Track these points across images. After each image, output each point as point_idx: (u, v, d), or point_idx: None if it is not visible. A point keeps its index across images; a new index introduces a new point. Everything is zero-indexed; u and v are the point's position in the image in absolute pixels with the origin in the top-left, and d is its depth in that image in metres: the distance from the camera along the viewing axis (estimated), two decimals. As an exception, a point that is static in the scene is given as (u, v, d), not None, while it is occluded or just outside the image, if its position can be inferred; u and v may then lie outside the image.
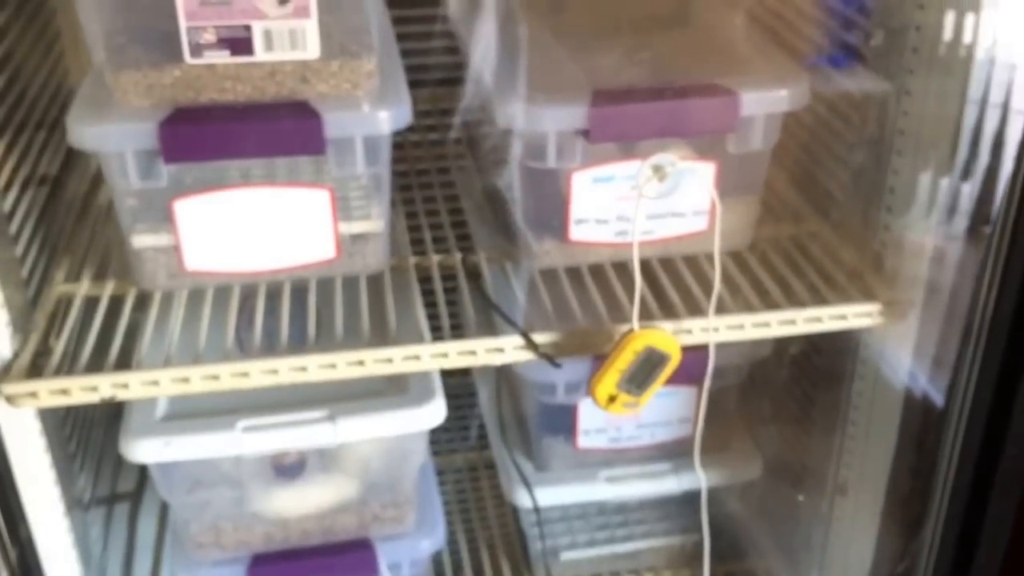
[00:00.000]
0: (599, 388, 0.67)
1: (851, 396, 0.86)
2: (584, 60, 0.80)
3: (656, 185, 0.63)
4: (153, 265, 0.75)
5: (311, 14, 0.67)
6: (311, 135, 0.68)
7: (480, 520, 1.25)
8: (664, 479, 0.97)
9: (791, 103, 0.71)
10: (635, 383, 0.68)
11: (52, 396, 0.65)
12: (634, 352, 0.66)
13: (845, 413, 0.88)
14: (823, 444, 0.92)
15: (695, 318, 0.71)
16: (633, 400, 0.68)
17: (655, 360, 0.67)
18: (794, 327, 0.71)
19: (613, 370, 0.67)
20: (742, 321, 0.71)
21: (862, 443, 0.85)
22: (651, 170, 0.62)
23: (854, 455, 0.86)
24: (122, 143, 0.67)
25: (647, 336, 0.66)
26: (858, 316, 0.72)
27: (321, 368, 0.67)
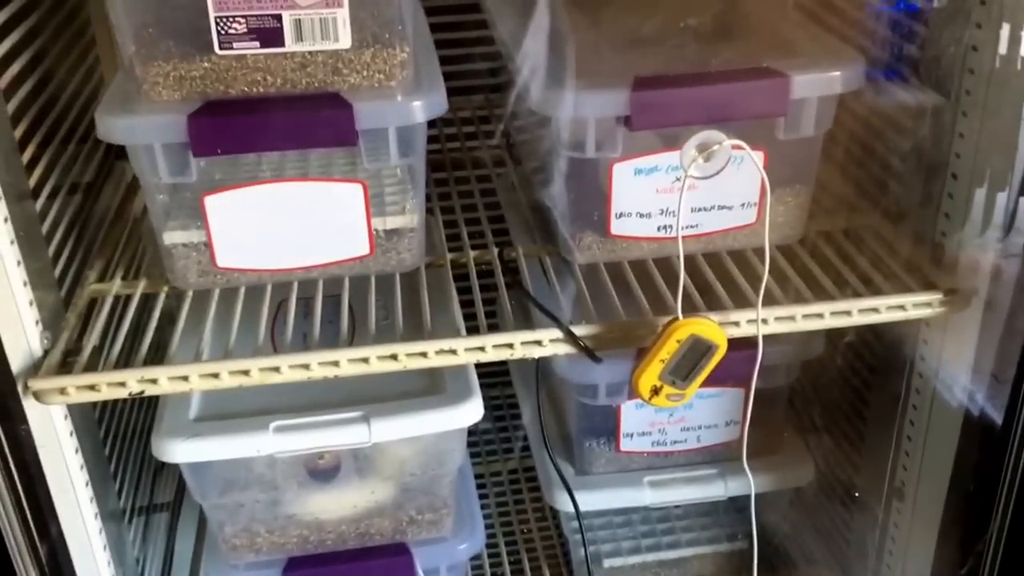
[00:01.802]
0: (642, 379, 0.65)
1: (908, 395, 0.83)
2: (624, 44, 0.78)
3: (702, 164, 0.60)
4: (185, 262, 0.74)
5: (343, 3, 0.66)
6: (343, 126, 0.66)
7: (521, 525, 1.23)
8: (710, 484, 0.94)
9: (844, 85, 0.69)
10: (680, 374, 0.65)
11: (80, 392, 0.64)
12: (678, 341, 0.64)
13: (902, 413, 0.84)
14: (878, 447, 0.89)
15: (742, 310, 0.68)
16: (678, 392, 0.66)
17: (700, 350, 0.65)
18: (849, 318, 0.68)
19: (656, 360, 0.64)
20: (793, 312, 0.68)
21: (920, 445, 0.81)
22: (696, 148, 0.60)
23: (912, 458, 0.83)
24: (151, 136, 0.67)
25: (692, 325, 0.64)
26: (917, 306, 0.68)
27: (352, 362, 0.66)
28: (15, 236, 0.66)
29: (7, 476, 0.64)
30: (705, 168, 0.61)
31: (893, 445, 0.86)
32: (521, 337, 0.66)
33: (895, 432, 0.86)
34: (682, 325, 0.64)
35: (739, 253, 0.77)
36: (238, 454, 0.75)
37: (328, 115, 0.66)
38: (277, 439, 0.75)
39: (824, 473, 0.98)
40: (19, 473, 0.66)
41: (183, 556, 0.98)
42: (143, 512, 0.97)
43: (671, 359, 0.64)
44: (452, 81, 0.73)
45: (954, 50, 0.68)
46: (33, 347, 0.67)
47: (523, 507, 1.25)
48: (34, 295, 0.68)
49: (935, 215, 0.73)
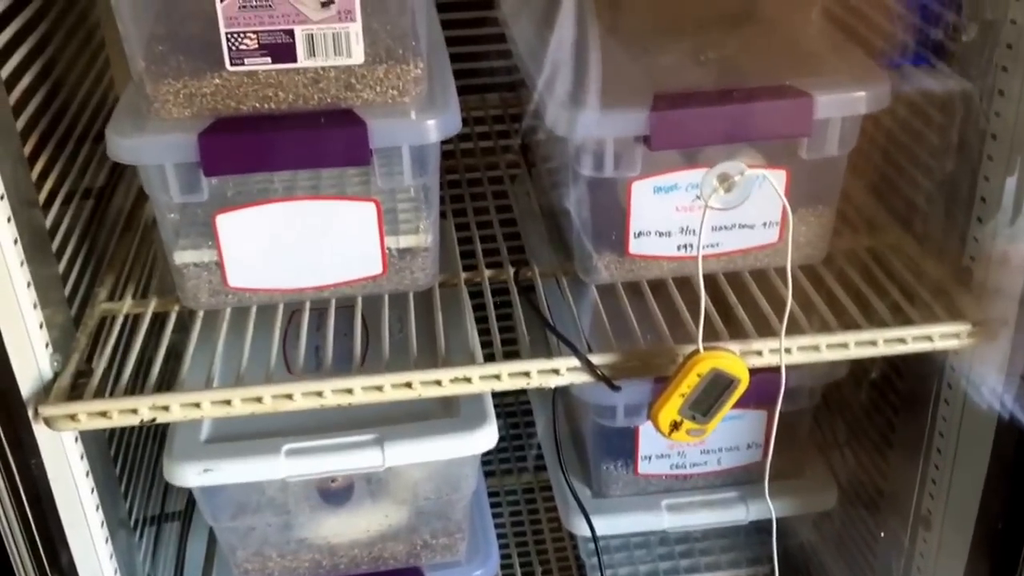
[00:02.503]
0: (661, 414, 0.64)
1: (936, 420, 0.81)
2: (643, 61, 0.77)
3: (722, 196, 0.59)
4: (195, 282, 0.73)
5: (356, 17, 0.65)
6: (355, 144, 0.66)
7: (536, 546, 1.22)
8: (731, 508, 0.93)
9: (870, 105, 0.67)
10: (700, 409, 0.64)
11: (91, 419, 0.63)
12: (699, 375, 0.63)
13: (929, 439, 0.83)
14: (904, 472, 0.87)
15: (765, 339, 0.67)
16: (698, 428, 0.65)
17: (722, 384, 0.63)
18: (874, 348, 0.67)
19: (676, 395, 0.63)
20: (817, 342, 0.67)
21: (948, 472, 0.80)
22: (717, 180, 0.58)
23: (939, 485, 0.81)
24: (162, 156, 0.66)
25: (713, 358, 0.63)
26: (944, 337, 0.67)
27: (366, 390, 0.65)
28: (25, 257, 0.65)
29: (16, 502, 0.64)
30: (726, 200, 0.59)
31: (920, 471, 0.85)
32: (538, 366, 0.65)
33: (921, 458, 0.84)
34: (703, 359, 0.62)
35: (761, 273, 0.76)
36: (250, 478, 0.75)
37: (341, 133, 0.66)
38: (289, 463, 0.74)
39: (849, 497, 0.97)
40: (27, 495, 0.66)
41: (194, 566, 0.97)
42: (154, 522, 0.97)
43: (691, 393, 0.63)
44: (466, 79, 0.71)
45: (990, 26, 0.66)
46: (43, 370, 0.66)
47: (539, 525, 1.24)
48: (44, 316, 0.67)
49: (965, 224, 0.72)
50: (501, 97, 1.07)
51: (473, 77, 1.02)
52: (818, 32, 0.81)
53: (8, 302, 0.63)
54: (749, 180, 0.58)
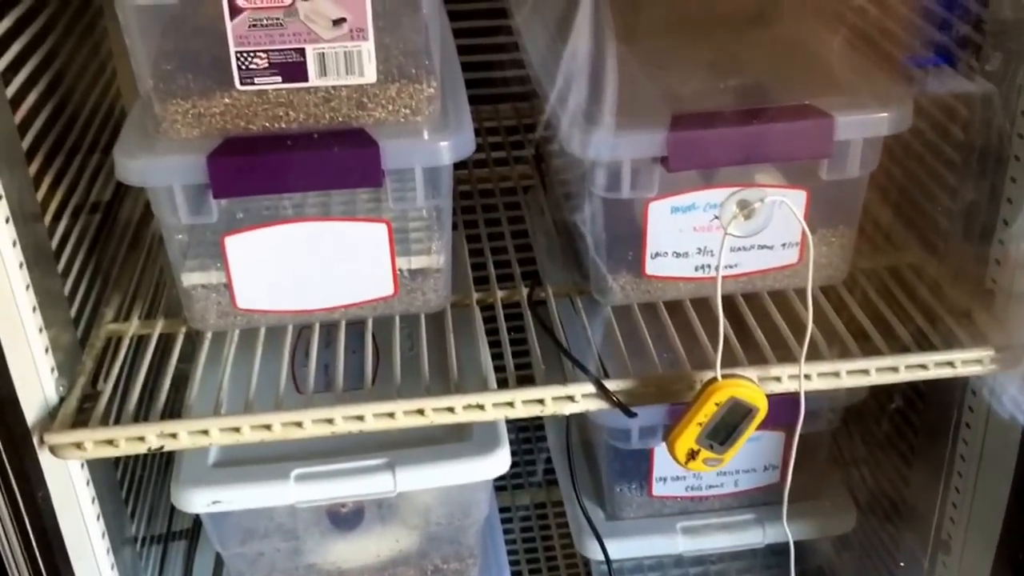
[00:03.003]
0: (678, 443, 0.63)
1: (957, 443, 0.80)
2: (657, 77, 0.76)
3: (742, 223, 0.58)
4: (204, 304, 0.72)
5: (368, 36, 0.64)
6: (368, 166, 0.65)
7: (548, 563, 1.21)
8: (747, 531, 0.92)
9: (892, 127, 0.66)
10: (718, 438, 0.63)
11: (98, 447, 0.62)
12: (716, 404, 0.62)
13: (950, 461, 0.81)
14: (925, 495, 0.86)
15: (783, 365, 0.66)
16: (716, 457, 0.64)
17: (740, 413, 0.62)
18: (895, 375, 0.66)
19: (693, 424, 0.62)
20: (837, 368, 0.66)
21: (969, 496, 0.79)
22: (736, 206, 0.57)
23: (961, 509, 0.80)
24: (170, 177, 0.65)
25: (731, 387, 0.62)
26: (967, 364, 0.66)
27: (378, 417, 0.64)
28: (31, 279, 0.65)
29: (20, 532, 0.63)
30: (747, 227, 0.58)
31: (940, 495, 0.84)
32: (552, 392, 0.64)
33: (942, 481, 0.83)
34: (721, 387, 0.61)
35: (780, 294, 0.75)
36: (259, 504, 0.74)
37: (353, 155, 0.65)
38: (299, 488, 0.74)
39: (868, 520, 0.96)
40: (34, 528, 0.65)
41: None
42: (160, 541, 0.96)
43: (709, 422, 0.62)
44: (478, 88, 0.70)
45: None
46: (48, 395, 0.65)
47: (550, 542, 1.22)
48: (49, 338, 0.67)
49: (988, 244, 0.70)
50: (515, 107, 1.06)
51: (486, 87, 1.01)
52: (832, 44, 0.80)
53: (13, 327, 0.62)
54: (769, 205, 0.57)
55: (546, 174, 0.93)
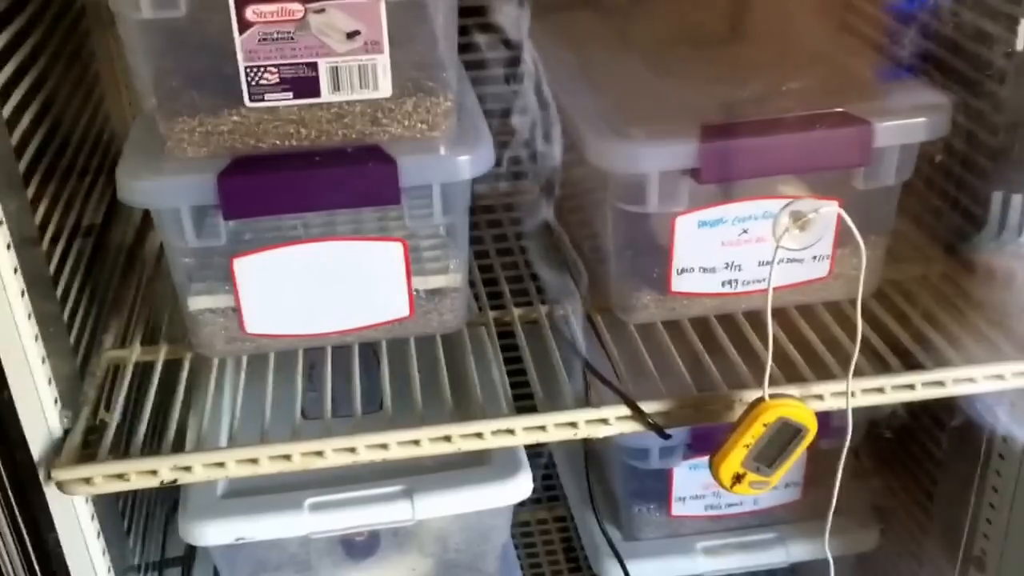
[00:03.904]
0: (723, 467, 0.60)
1: (992, 457, 0.78)
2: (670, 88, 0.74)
3: (797, 235, 0.56)
4: (211, 329, 0.69)
5: (383, 49, 0.62)
6: (385, 183, 0.62)
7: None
8: (770, 550, 0.90)
9: (930, 132, 0.64)
10: (765, 460, 0.61)
11: (108, 482, 0.59)
12: (764, 425, 0.59)
13: (983, 473, 0.80)
14: (953, 510, 0.84)
15: (826, 382, 0.64)
16: (762, 480, 0.61)
17: (788, 434, 0.60)
18: (942, 389, 0.64)
19: (740, 446, 0.60)
20: (881, 384, 0.64)
21: (1006, 511, 0.77)
22: (790, 218, 0.55)
23: (996, 525, 0.78)
24: (178, 199, 0.62)
25: (780, 407, 0.59)
26: (1017, 375, 0.64)
27: (402, 445, 0.61)
28: (32, 308, 0.62)
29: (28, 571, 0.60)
30: (802, 239, 0.56)
31: (972, 506, 0.82)
32: (585, 415, 0.62)
33: (974, 491, 0.81)
34: (770, 407, 0.59)
35: (808, 308, 0.73)
36: (272, 535, 0.71)
37: (370, 172, 0.62)
38: (314, 518, 0.71)
39: (892, 537, 0.94)
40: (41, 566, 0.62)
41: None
42: (155, 568, 0.93)
43: (756, 444, 0.60)
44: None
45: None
46: (53, 429, 0.62)
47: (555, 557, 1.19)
48: (51, 369, 0.64)
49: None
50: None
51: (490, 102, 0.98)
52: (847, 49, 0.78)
53: (16, 358, 0.59)
54: (824, 219, 0.55)
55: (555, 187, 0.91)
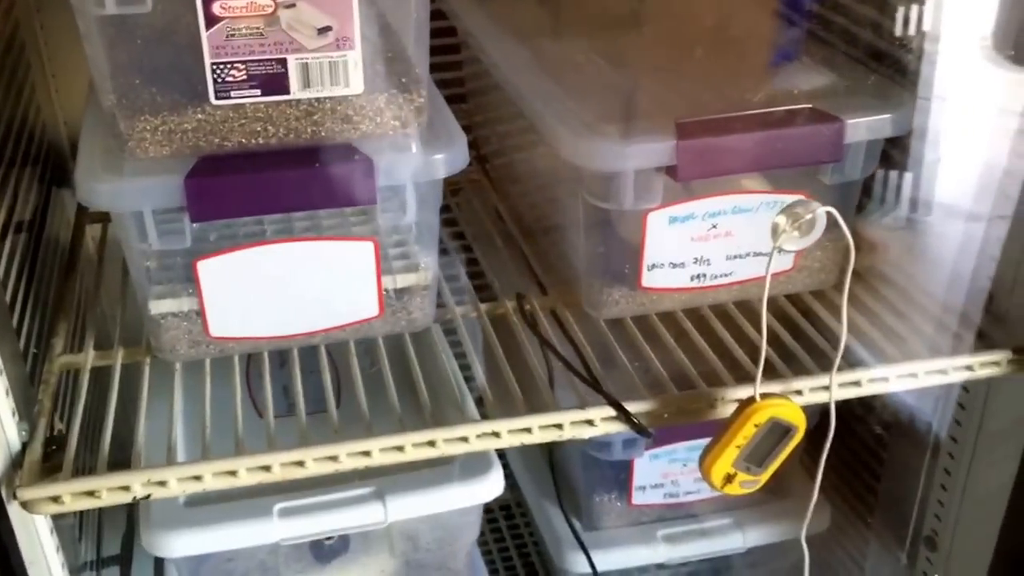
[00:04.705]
0: (715, 467, 0.60)
1: (944, 435, 0.80)
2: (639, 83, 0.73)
3: (796, 238, 0.56)
4: (173, 333, 0.67)
5: (355, 44, 0.60)
6: (362, 183, 0.60)
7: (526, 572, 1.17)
8: (727, 535, 0.90)
9: (896, 129, 0.65)
10: (755, 460, 0.61)
11: (76, 500, 0.56)
12: (756, 425, 0.59)
13: (935, 455, 0.81)
14: (904, 492, 0.86)
15: (805, 377, 0.64)
16: (752, 479, 0.61)
17: (778, 433, 0.60)
18: (915, 381, 0.65)
19: (732, 446, 0.60)
20: (859, 377, 0.64)
21: (959, 493, 0.79)
22: (786, 219, 0.55)
23: (949, 507, 0.80)
24: (142, 201, 0.59)
25: (771, 407, 0.59)
26: (985, 366, 0.66)
27: (385, 452, 0.60)
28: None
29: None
30: (800, 241, 0.56)
31: (922, 480, 0.83)
32: (571, 417, 0.61)
33: (924, 473, 0.83)
34: (761, 408, 0.59)
35: (773, 301, 0.74)
36: (242, 544, 0.68)
37: (346, 171, 0.60)
38: (284, 525, 0.69)
39: (842, 518, 0.96)
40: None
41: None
42: (92, 568, 0.89)
43: (747, 444, 0.60)
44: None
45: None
46: (11, 443, 0.59)
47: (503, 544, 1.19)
48: (7, 380, 0.60)
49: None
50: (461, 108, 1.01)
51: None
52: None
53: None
54: (821, 218, 0.55)
55: (515, 181, 0.90)
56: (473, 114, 0.93)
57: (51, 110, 0.90)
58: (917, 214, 0.70)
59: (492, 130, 0.90)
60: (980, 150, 0.68)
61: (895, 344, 0.68)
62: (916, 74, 0.65)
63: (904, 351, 0.67)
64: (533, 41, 0.78)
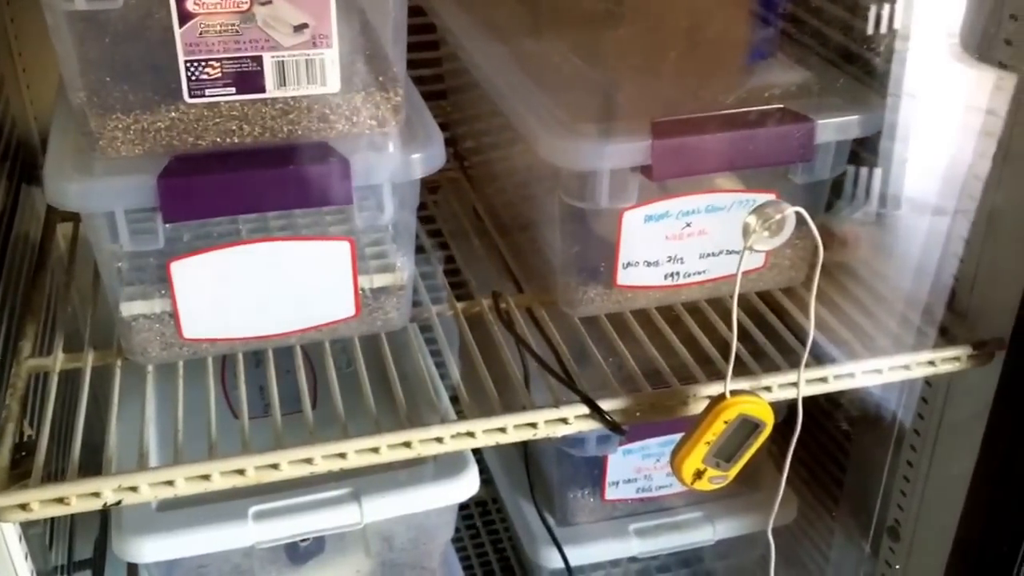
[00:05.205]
0: (685, 464, 0.60)
1: (907, 429, 0.80)
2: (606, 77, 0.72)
3: (766, 238, 0.55)
4: (146, 335, 0.64)
5: (332, 43, 0.58)
6: (339, 183, 0.58)
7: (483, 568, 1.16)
8: (698, 528, 0.90)
9: (864, 129, 0.65)
10: (724, 455, 0.60)
11: (46, 507, 0.54)
12: (725, 422, 0.59)
13: (898, 448, 0.81)
14: (868, 484, 0.86)
15: (774, 374, 0.63)
16: (721, 475, 0.61)
17: (747, 429, 0.60)
18: (880, 376, 0.65)
19: (701, 443, 0.59)
20: (825, 374, 0.64)
21: (921, 485, 0.79)
22: (757, 219, 0.54)
23: (911, 498, 0.80)
24: (114, 201, 0.57)
25: (741, 404, 0.59)
26: (946, 361, 0.65)
27: (361, 453, 0.58)
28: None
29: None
30: (771, 241, 0.55)
31: (886, 472, 0.83)
32: (545, 416, 0.60)
33: (887, 465, 0.83)
34: (731, 404, 0.58)
35: (744, 297, 0.73)
36: (216, 548, 0.66)
37: (323, 172, 0.58)
38: (259, 528, 0.67)
39: (809, 510, 0.96)
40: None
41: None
42: (63, 572, 0.86)
43: (717, 440, 0.59)
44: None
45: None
46: (-22, 450, 0.56)
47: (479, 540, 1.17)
48: (-27, 385, 0.58)
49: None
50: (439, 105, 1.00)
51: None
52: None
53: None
54: (791, 219, 0.54)
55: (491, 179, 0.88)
56: (451, 111, 0.92)
57: (21, 105, 0.87)
58: (886, 209, 0.70)
59: (470, 127, 0.89)
60: (947, 147, 0.68)
61: (861, 340, 0.67)
62: (886, 72, 0.65)
63: (870, 347, 0.66)
64: (511, 39, 0.76)
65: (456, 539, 1.16)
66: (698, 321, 0.72)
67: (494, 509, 1.16)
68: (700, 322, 0.72)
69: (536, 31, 0.77)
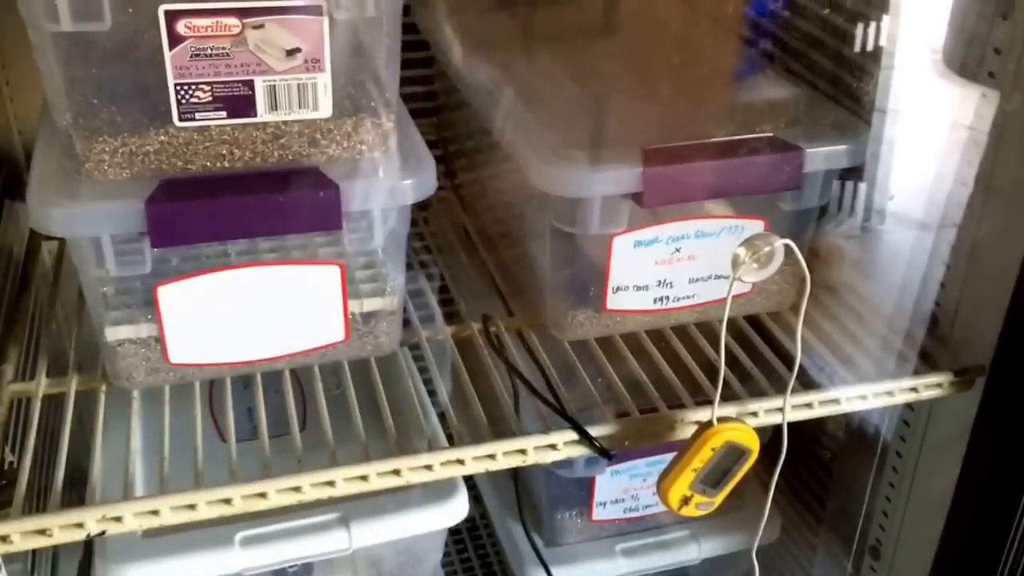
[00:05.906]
0: (672, 490, 0.58)
1: (890, 450, 0.78)
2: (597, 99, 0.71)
3: (755, 270, 0.53)
4: (131, 360, 0.62)
5: (325, 67, 0.56)
6: (328, 209, 0.56)
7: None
8: (683, 548, 0.88)
9: (851, 160, 0.63)
10: (710, 482, 0.58)
11: (27, 539, 0.51)
12: (712, 449, 0.57)
13: (880, 469, 0.80)
14: (850, 504, 0.85)
15: (760, 400, 0.62)
16: (708, 501, 0.59)
17: (733, 456, 0.58)
18: (864, 403, 0.63)
19: (688, 470, 0.57)
20: (810, 399, 0.62)
21: (903, 505, 0.77)
22: (746, 251, 0.52)
23: (892, 518, 0.79)
24: (100, 227, 0.54)
25: (728, 431, 0.57)
26: (929, 387, 0.64)
27: (349, 481, 0.55)
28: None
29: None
30: (760, 273, 0.54)
31: (868, 492, 0.82)
32: (534, 442, 0.58)
33: (870, 485, 0.82)
34: (718, 432, 0.57)
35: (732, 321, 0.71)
36: (202, 575, 0.63)
37: (313, 198, 0.56)
38: (246, 554, 0.64)
39: (792, 529, 0.94)
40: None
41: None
42: None
43: (703, 467, 0.57)
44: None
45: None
46: (-42, 479, 0.53)
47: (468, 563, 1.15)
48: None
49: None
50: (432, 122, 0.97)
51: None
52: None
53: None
54: (780, 251, 0.53)
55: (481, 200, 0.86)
56: (443, 128, 0.89)
57: (5, 119, 0.84)
58: (870, 223, 0.68)
59: (462, 145, 0.87)
60: (931, 162, 0.66)
61: (846, 365, 0.66)
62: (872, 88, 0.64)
63: (855, 372, 0.65)
64: (504, 58, 0.74)
65: (446, 557, 1.13)
66: (687, 344, 0.70)
67: (482, 525, 1.14)
68: (689, 345, 0.70)
69: (529, 50, 0.75)
